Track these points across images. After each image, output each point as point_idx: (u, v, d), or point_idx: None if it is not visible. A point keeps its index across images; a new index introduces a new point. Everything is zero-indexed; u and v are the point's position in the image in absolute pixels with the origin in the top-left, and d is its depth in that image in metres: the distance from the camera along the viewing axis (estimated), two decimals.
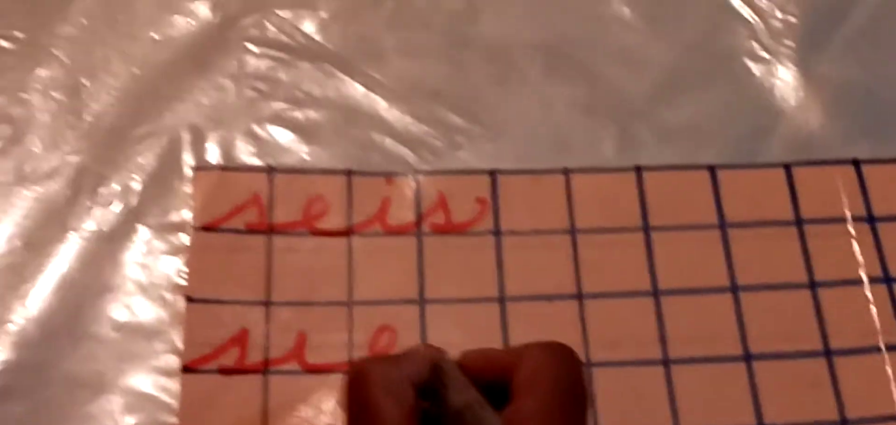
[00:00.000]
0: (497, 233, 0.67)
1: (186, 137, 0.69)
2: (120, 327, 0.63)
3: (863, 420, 0.62)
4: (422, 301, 0.65)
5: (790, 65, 0.75)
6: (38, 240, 0.65)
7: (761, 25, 0.77)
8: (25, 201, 0.66)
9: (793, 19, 0.77)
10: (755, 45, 0.76)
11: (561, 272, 0.66)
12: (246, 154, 0.69)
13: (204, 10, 0.75)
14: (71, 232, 0.65)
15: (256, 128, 0.70)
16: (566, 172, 0.70)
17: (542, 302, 0.65)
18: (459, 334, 0.64)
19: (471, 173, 0.70)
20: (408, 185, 0.69)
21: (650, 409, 0.63)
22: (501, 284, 0.66)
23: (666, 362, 0.64)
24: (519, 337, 0.64)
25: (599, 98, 0.74)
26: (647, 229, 0.68)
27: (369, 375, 0.48)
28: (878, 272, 0.67)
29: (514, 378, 0.48)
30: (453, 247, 0.67)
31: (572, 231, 0.68)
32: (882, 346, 0.64)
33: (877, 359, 0.64)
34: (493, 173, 0.69)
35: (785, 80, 0.75)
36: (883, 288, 0.66)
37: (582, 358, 0.61)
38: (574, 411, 0.48)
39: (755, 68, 0.75)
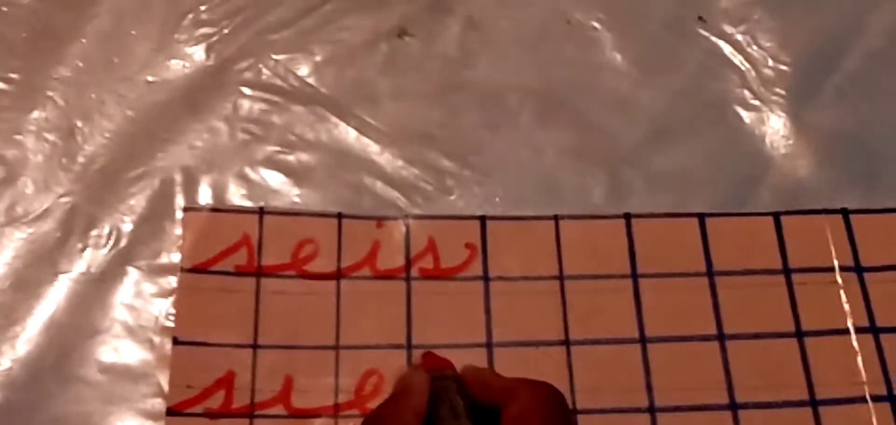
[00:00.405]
0: (486, 278, 0.68)
1: (178, 179, 0.70)
2: (107, 369, 0.63)
3: None
4: (409, 346, 0.65)
5: (781, 113, 0.76)
6: (27, 281, 0.65)
7: (753, 73, 0.77)
8: (16, 242, 0.67)
9: (784, 67, 0.77)
10: (746, 92, 0.76)
11: (549, 318, 0.67)
12: (238, 196, 0.70)
13: (199, 54, 0.75)
14: (61, 273, 0.66)
15: (249, 171, 0.71)
16: (556, 219, 0.70)
17: (529, 348, 0.66)
18: None
19: (460, 218, 0.70)
20: (398, 229, 0.69)
21: None
22: (489, 330, 0.66)
23: (652, 410, 0.64)
24: None
25: (590, 144, 0.74)
26: (635, 276, 0.68)
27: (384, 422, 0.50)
28: (865, 322, 0.67)
29: (504, 413, 0.49)
30: (441, 293, 0.67)
31: (561, 277, 0.68)
32: (868, 397, 0.64)
33: (863, 410, 0.64)
34: (482, 219, 0.70)
35: (775, 127, 0.75)
36: (870, 338, 0.66)
37: (568, 404, 0.62)
38: None
39: (746, 116, 0.75)
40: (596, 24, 0.79)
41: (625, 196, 0.72)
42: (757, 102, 0.76)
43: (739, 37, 0.79)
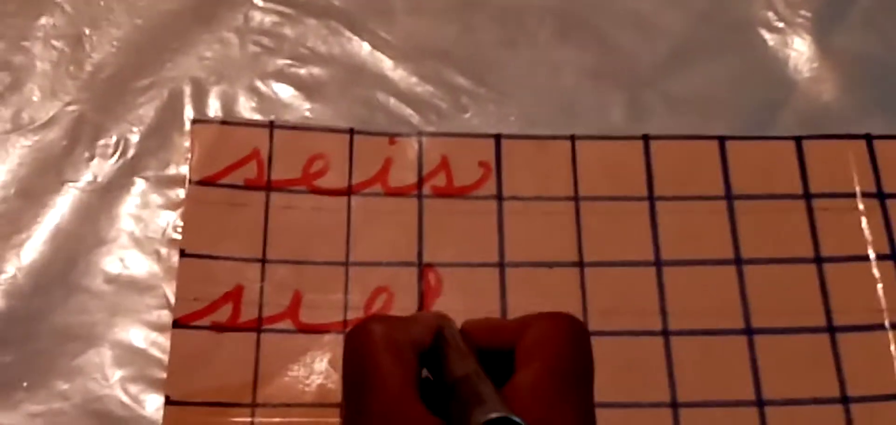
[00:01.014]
0: (499, 197, 0.66)
1: (188, 90, 0.69)
2: (113, 280, 0.62)
3: (864, 398, 0.61)
4: (420, 263, 0.64)
5: (805, 35, 0.74)
6: (33, 189, 0.65)
7: None
8: (22, 150, 0.66)
9: None
10: (770, 14, 0.74)
11: (563, 239, 0.65)
12: (247, 109, 0.68)
13: None
14: (67, 182, 0.65)
15: (259, 84, 0.69)
16: (572, 139, 0.69)
17: (542, 269, 0.65)
18: (457, 298, 0.63)
19: (475, 136, 0.69)
20: (410, 146, 0.68)
21: (648, 380, 0.62)
22: (502, 249, 0.65)
23: (666, 333, 0.63)
24: (517, 302, 0.63)
25: (609, 64, 0.72)
26: (652, 199, 0.67)
27: (373, 333, 0.47)
28: (886, 249, 0.65)
29: (517, 347, 0.47)
30: (454, 211, 0.66)
31: (576, 198, 0.67)
32: (887, 324, 0.63)
33: (881, 337, 0.63)
34: (497, 137, 0.68)
35: (800, 50, 0.73)
36: (890, 265, 0.65)
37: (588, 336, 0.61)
38: (576, 385, 0.46)
39: (770, 38, 0.74)
40: None
41: (644, 118, 0.70)
42: (781, 24, 0.74)
43: None
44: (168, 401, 0.59)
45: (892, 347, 0.62)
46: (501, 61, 0.72)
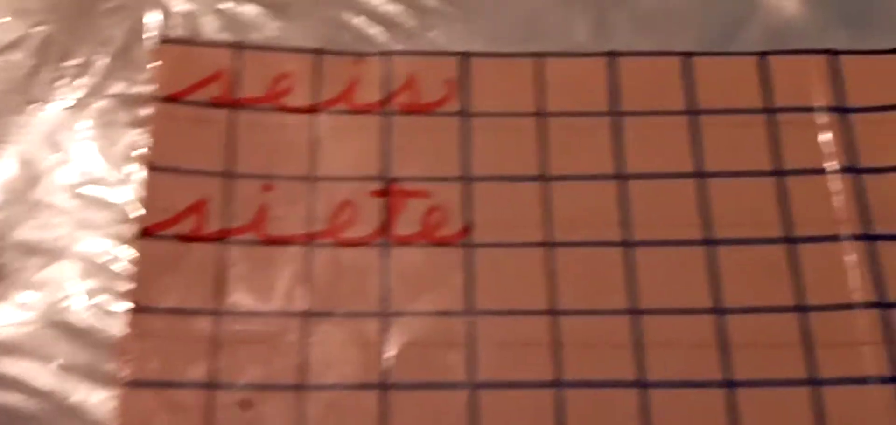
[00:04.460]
0: (464, 114, 0.67)
1: (154, 11, 0.69)
2: (79, 195, 0.63)
3: (819, 306, 0.62)
4: (385, 178, 0.65)
5: None
6: None
7: None
8: None
9: None
10: None
11: (527, 154, 0.66)
12: (214, 30, 0.69)
13: None
14: (33, 102, 0.65)
15: (225, 4, 0.70)
16: (538, 56, 0.69)
17: (506, 182, 0.65)
18: (422, 213, 0.64)
19: (440, 55, 0.69)
20: (377, 65, 0.68)
21: (608, 289, 0.62)
22: (466, 164, 0.65)
23: (627, 243, 0.63)
24: (480, 215, 0.64)
25: None
26: (617, 114, 0.67)
27: None
28: (848, 162, 0.66)
29: None
30: (419, 127, 0.67)
31: (541, 114, 0.67)
32: (846, 235, 0.64)
33: (836, 248, 0.63)
34: (463, 55, 0.69)
35: None
36: (849, 178, 0.65)
37: (543, 237, 0.62)
38: None
39: None
40: None
41: (610, 35, 0.71)
42: None
43: None
44: (133, 310, 0.60)
45: (846, 257, 0.63)
46: None
